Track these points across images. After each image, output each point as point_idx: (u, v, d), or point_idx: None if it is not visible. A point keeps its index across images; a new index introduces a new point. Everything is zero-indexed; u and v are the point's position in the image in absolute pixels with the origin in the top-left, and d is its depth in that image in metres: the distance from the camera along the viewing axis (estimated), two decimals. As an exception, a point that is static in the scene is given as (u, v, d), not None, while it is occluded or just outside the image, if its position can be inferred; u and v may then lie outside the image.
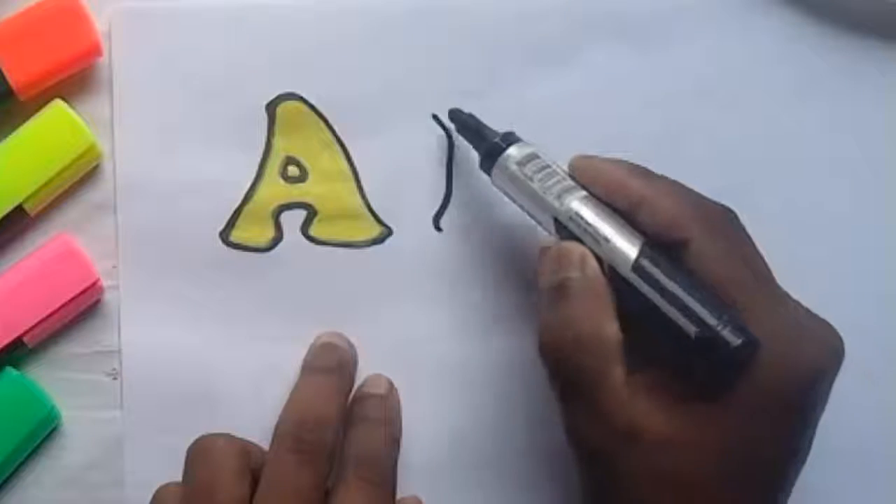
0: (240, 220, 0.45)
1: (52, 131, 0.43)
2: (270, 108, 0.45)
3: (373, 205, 0.45)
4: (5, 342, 0.42)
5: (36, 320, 0.43)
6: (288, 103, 0.45)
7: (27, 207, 0.43)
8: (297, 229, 0.45)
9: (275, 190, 0.45)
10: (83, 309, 0.44)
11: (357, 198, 0.45)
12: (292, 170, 0.45)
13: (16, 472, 0.44)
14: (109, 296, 0.44)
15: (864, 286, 0.45)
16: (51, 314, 0.43)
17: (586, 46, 0.45)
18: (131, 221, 0.44)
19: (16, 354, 0.43)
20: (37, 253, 0.44)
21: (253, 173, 0.45)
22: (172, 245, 0.44)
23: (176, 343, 0.44)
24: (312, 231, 0.45)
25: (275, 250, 0.45)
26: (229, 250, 0.45)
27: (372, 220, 0.45)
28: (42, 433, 0.43)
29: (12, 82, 0.43)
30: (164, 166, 0.44)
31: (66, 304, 0.43)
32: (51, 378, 0.44)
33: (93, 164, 0.44)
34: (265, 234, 0.45)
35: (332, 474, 0.41)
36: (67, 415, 0.44)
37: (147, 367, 0.44)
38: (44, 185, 0.43)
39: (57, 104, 0.43)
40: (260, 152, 0.45)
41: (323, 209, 0.45)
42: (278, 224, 0.45)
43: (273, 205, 0.45)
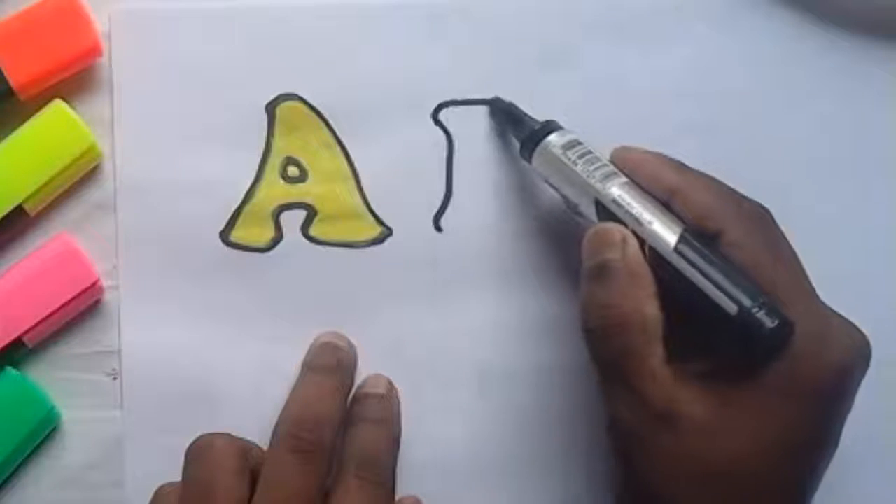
0: (240, 220, 0.45)
1: (52, 131, 0.43)
2: (270, 108, 0.45)
3: (373, 205, 0.45)
4: (5, 342, 0.42)
5: (36, 320, 0.43)
6: (288, 103, 0.45)
7: (27, 207, 0.43)
8: (297, 229, 0.45)
9: (275, 190, 0.45)
10: (83, 309, 0.44)
11: (357, 198, 0.45)
12: (292, 170, 0.45)
13: (16, 472, 0.44)
14: (109, 296, 0.44)
15: (864, 286, 0.45)
16: (51, 314, 0.43)
17: (586, 46, 0.45)
18: (131, 221, 0.44)
19: (16, 354, 0.43)
20: (37, 253, 0.44)
21: (253, 173, 0.45)
22: (172, 245, 0.44)
23: (176, 343, 0.44)
24: (312, 231, 0.45)
25: (275, 250, 0.45)
26: (229, 250, 0.45)
27: (372, 220, 0.45)
28: (42, 433, 0.43)
29: (12, 82, 0.43)
30: (164, 166, 0.44)
31: (66, 304, 0.43)
32: (51, 378, 0.44)
33: (93, 164, 0.44)
34: (265, 234, 0.45)
35: (332, 474, 0.41)
36: (67, 415, 0.44)
37: (147, 367, 0.44)
38: (44, 185, 0.43)
39: (57, 104, 0.43)
40: (260, 152, 0.45)
41: (323, 209, 0.45)
42: (278, 224, 0.45)
43: (273, 205, 0.45)
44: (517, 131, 0.43)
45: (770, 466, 0.36)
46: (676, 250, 0.38)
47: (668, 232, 0.38)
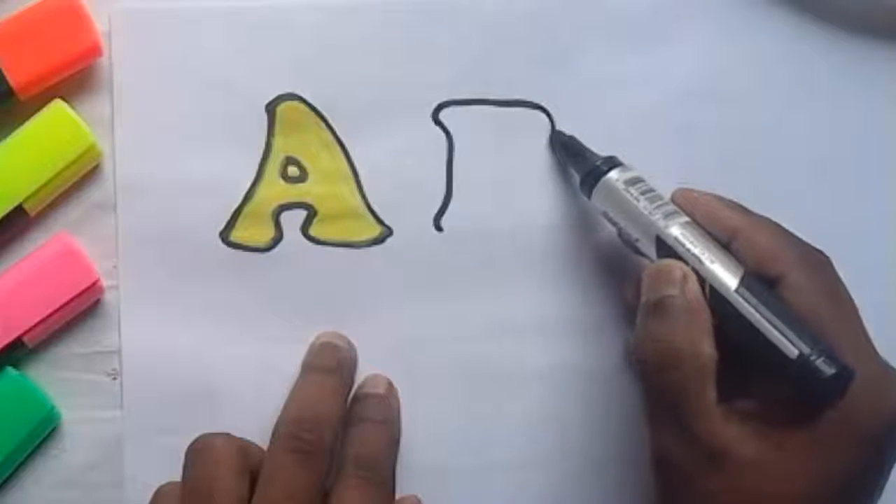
0: (240, 220, 0.45)
1: (52, 131, 0.43)
2: (270, 108, 0.45)
3: (373, 205, 0.45)
4: (5, 342, 0.42)
5: (36, 320, 0.43)
6: (288, 103, 0.45)
7: (27, 207, 0.43)
8: (297, 229, 0.45)
9: (275, 190, 0.45)
10: (83, 309, 0.44)
11: (357, 198, 0.45)
12: (292, 170, 0.45)
13: (16, 472, 0.44)
14: (109, 296, 0.44)
15: (864, 286, 0.44)
16: (51, 314, 0.43)
17: (586, 47, 0.45)
18: (131, 221, 0.44)
19: (16, 354, 0.43)
20: (37, 253, 0.44)
21: (253, 173, 0.45)
22: (172, 245, 0.44)
23: (176, 343, 0.44)
24: (312, 231, 0.45)
25: (275, 250, 0.45)
26: (229, 250, 0.45)
27: (372, 220, 0.45)
28: (42, 433, 0.43)
29: (12, 82, 0.43)
30: (164, 166, 0.44)
31: (66, 304, 0.43)
32: (51, 378, 0.44)
33: (93, 164, 0.44)
34: (265, 234, 0.45)
35: (332, 474, 0.41)
36: (67, 415, 0.44)
37: (147, 367, 0.44)
38: (44, 185, 0.43)
39: (57, 104, 0.43)
40: (260, 152, 0.45)
41: (323, 209, 0.45)
42: (278, 224, 0.45)
43: (273, 205, 0.45)
44: (577, 165, 0.44)
45: None
46: (738, 291, 0.38)
47: (729, 273, 0.38)
